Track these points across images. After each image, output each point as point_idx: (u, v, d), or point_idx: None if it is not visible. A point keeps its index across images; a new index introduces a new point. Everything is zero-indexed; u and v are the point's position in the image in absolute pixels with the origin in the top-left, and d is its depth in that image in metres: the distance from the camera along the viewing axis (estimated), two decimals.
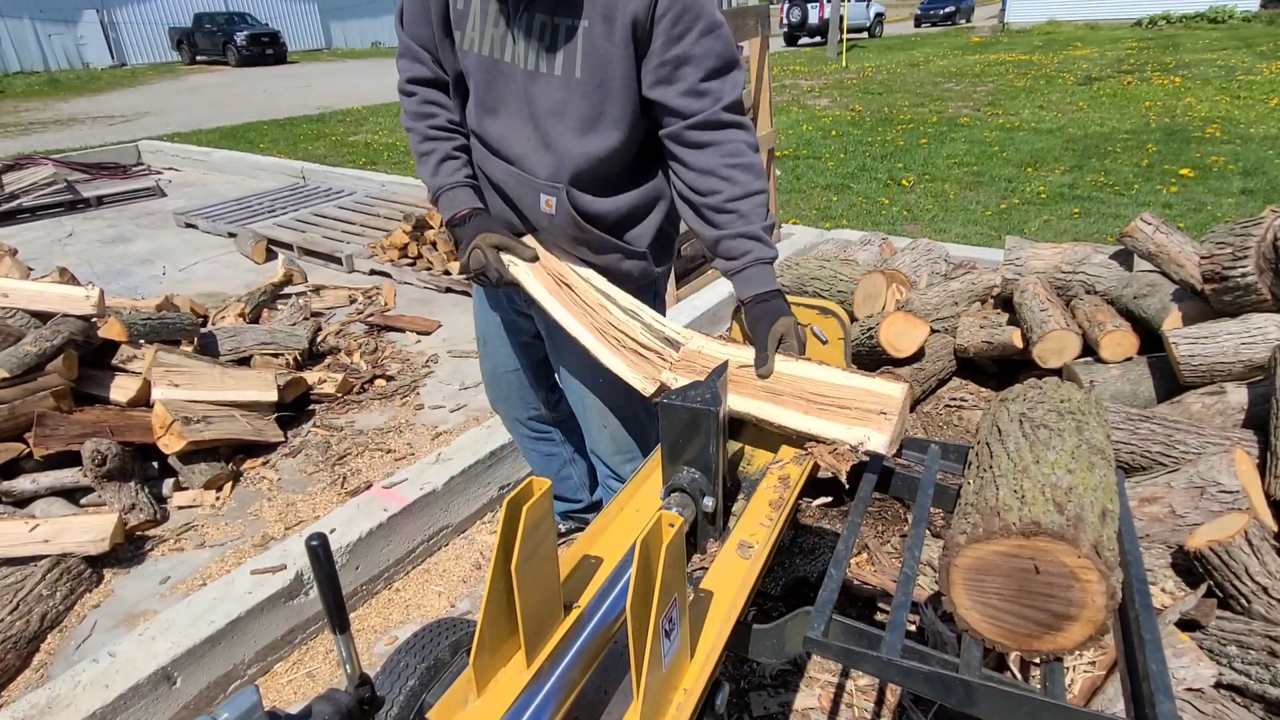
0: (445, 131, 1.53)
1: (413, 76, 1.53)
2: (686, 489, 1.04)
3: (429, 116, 1.52)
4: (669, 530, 0.75)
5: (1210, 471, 1.91)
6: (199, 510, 2.52)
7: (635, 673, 0.72)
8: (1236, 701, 1.48)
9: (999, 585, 0.78)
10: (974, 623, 0.82)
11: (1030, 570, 0.75)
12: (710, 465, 1.03)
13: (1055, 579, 0.74)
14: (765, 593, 2.06)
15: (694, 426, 1.01)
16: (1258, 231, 2.24)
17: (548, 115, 1.38)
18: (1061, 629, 0.77)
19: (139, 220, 6.09)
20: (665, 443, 1.05)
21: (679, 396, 1.02)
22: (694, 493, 1.04)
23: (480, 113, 1.46)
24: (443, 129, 1.53)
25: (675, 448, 1.05)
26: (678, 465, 1.05)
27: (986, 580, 0.79)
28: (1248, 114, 8.31)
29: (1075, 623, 0.76)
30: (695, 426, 1.01)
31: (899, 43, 20.63)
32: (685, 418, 1.01)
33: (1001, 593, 0.78)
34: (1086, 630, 0.75)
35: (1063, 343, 2.63)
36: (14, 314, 2.74)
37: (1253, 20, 19.47)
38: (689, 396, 1.02)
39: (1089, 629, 0.75)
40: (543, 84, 1.36)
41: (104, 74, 20.72)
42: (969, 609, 0.81)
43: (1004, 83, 12.01)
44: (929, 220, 5.59)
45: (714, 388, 1.04)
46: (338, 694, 0.73)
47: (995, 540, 0.76)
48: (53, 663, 1.96)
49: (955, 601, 0.82)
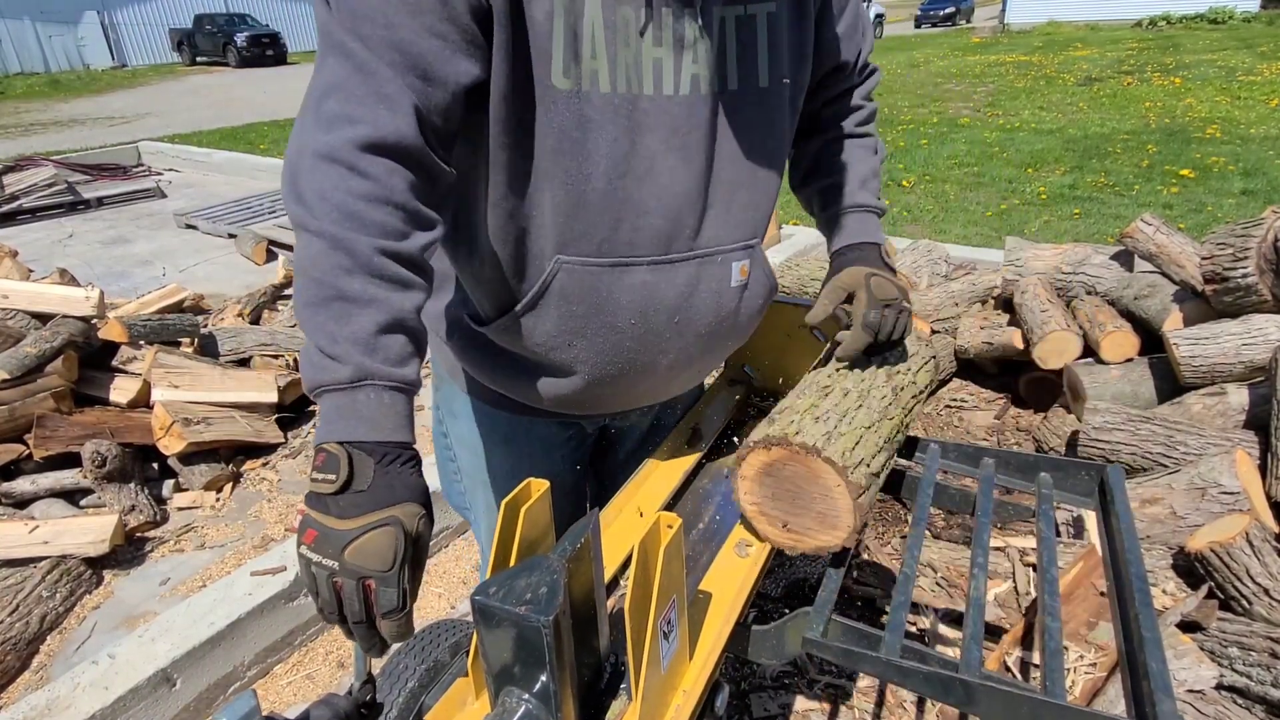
0: (412, 269, 0.77)
1: (384, 138, 0.74)
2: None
3: (391, 234, 0.75)
4: (667, 532, 0.75)
5: (1211, 473, 1.90)
6: (199, 512, 2.52)
7: (634, 674, 0.72)
8: (1238, 703, 1.48)
9: (775, 486, 0.93)
10: (752, 514, 0.97)
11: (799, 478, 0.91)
12: (548, 694, 0.67)
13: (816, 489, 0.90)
14: (765, 593, 2.05)
15: (519, 641, 0.65)
16: (1258, 232, 2.24)
17: (750, 148, 0.95)
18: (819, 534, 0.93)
19: (139, 221, 6.09)
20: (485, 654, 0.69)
21: (499, 590, 0.65)
22: None
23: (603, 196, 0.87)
24: (411, 262, 0.77)
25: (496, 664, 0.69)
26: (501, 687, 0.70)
27: (767, 481, 0.93)
28: (1248, 115, 8.31)
29: (835, 530, 0.91)
30: (521, 641, 0.65)
31: (899, 43, 20.63)
32: (506, 627, 0.65)
33: (778, 493, 0.93)
34: (840, 536, 0.91)
35: (1063, 344, 2.63)
36: (14, 315, 2.74)
37: (1253, 21, 19.46)
38: (514, 591, 0.65)
39: (842, 535, 0.91)
40: (739, 104, 0.92)
41: (104, 75, 20.73)
42: (752, 502, 0.96)
43: (1004, 83, 12.01)
44: (929, 221, 5.59)
45: (555, 574, 0.66)
46: (336, 699, 0.73)
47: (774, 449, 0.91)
48: (52, 664, 1.96)
49: (742, 494, 0.96)
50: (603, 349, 0.95)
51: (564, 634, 0.66)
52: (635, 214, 0.89)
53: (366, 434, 0.70)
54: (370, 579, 0.67)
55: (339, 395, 0.71)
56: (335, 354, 0.71)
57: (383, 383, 0.72)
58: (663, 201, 0.90)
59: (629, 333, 0.94)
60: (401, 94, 0.74)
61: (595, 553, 0.74)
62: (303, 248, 0.73)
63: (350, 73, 0.74)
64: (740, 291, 1.00)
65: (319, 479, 0.68)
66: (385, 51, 0.74)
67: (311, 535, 0.68)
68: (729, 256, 0.97)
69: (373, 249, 0.73)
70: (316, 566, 0.67)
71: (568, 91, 0.82)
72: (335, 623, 0.70)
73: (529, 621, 0.63)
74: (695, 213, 0.92)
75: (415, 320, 0.77)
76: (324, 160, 0.73)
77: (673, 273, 0.93)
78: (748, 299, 1.02)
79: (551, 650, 0.64)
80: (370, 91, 0.74)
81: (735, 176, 0.94)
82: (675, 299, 0.94)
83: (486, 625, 0.66)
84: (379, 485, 0.69)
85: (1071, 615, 1.50)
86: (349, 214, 0.72)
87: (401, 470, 0.71)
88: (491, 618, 0.65)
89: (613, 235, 0.89)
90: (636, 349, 0.96)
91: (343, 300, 0.72)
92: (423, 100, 0.76)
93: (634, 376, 1.00)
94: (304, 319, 0.73)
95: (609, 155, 0.85)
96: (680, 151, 0.89)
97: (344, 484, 0.67)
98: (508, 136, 0.84)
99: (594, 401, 1.05)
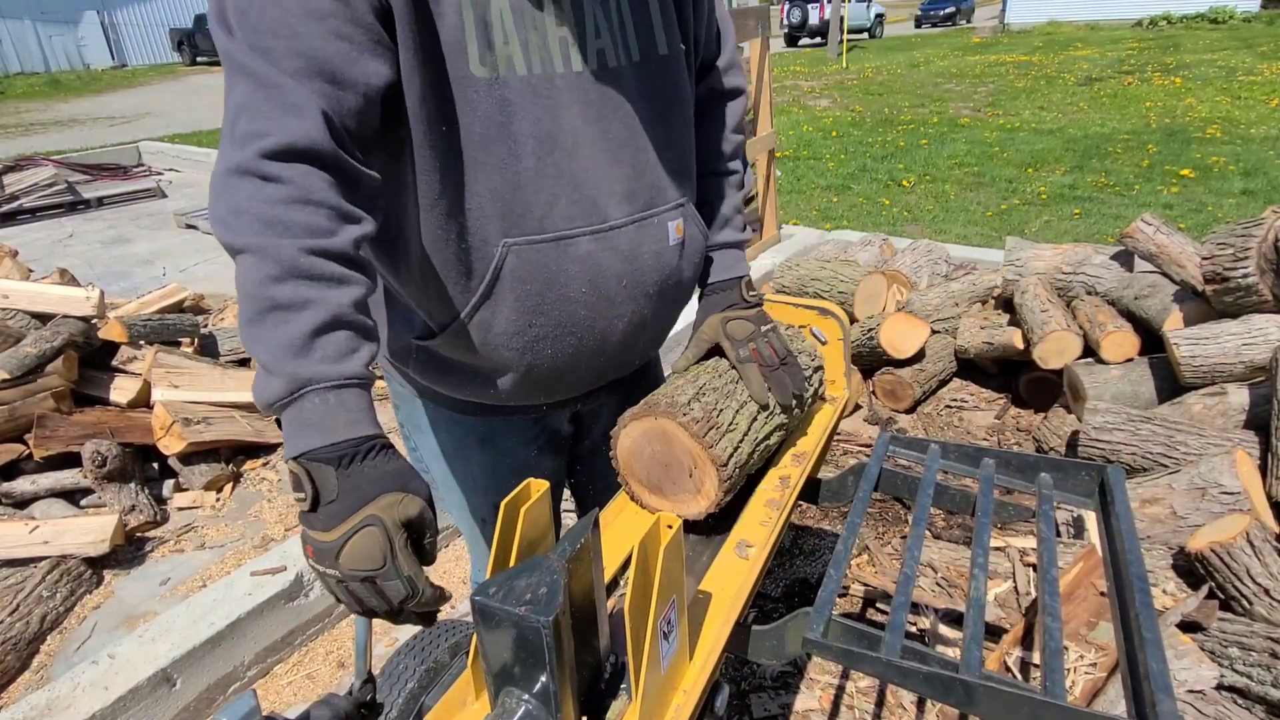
0: (346, 264, 0.75)
1: (293, 143, 0.73)
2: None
3: (316, 233, 0.73)
4: (667, 531, 0.75)
5: (1211, 473, 1.90)
6: (199, 511, 2.52)
7: (634, 674, 0.72)
8: (1238, 703, 1.48)
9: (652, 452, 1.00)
10: (630, 476, 1.04)
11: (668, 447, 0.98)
12: (548, 694, 0.67)
13: (684, 457, 0.97)
14: (765, 593, 2.05)
15: (519, 641, 0.66)
16: (1259, 232, 2.23)
17: (662, 113, 0.99)
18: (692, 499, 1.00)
19: (139, 221, 6.09)
20: (484, 654, 0.70)
21: (499, 591, 0.66)
22: None
23: (535, 176, 0.89)
24: (344, 257, 0.75)
25: (496, 664, 0.69)
26: (501, 688, 0.70)
27: (644, 447, 1.00)
28: (1248, 114, 8.31)
29: (700, 496, 0.99)
30: (521, 642, 0.66)
31: (899, 43, 20.63)
32: (506, 628, 0.66)
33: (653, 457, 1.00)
34: (704, 504, 0.99)
35: (1063, 344, 2.63)
36: (14, 315, 2.74)
37: (1253, 21, 19.46)
38: (514, 592, 0.66)
39: (706, 503, 0.99)
40: (645, 73, 0.96)
41: (104, 75, 20.74)
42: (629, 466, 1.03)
43: (1004, 83, 12.01)
44: (929, 221, 5.59)
45: (554, 575, 0.66)
46: (336, 699, 0.73)
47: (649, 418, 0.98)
48: (52, 664, 1.96)
49: (620, 458, 1.03)
50: (561, 321, 0.97)
51: (564, 634, 0.66)
52: (569, 188, 0.92)
53: (321, 440, 0.69)
54: (373, 578, 0.68)
55: (288, 410, 0.71)
56: (272, 368, 0.70)
57: (324, 384, 0.71)
58: (591, 173, 0.93)
59: (582, 301, 0.97)
60: (308, 100, 0.73)
61: (595, 553, 0.74)
62: (239, 269, 0.73)
63: (254, 90, 0.73)
64: (680, 249, 1.05)
65: (296, 498, 0.70)
66: (290, 61, 0.73)
67: (310, 550, 0.70)
68: (664, 217, 1.01)
69: (298, 250, 0.71)
70: (325, 576, 0.69)
71: (487, 79, 0.84)
72: (372, 618, 0.74)
73: (529, 622, 0.64)
74: (624, 179, 0.96)
75: (356, 314, 0.75)
76: (235, 176, 0.72)
77: (615, 239, 0.97)
78: (687, 255, 1.07)
79: (551, 650, 0.64)
80: (276, 104, 0.73)
81: (654, 141, 0.98)
82: (621, 264, 0.98)
83: (486, 626, 0.66)
84: (346, 491, 0.69)
85: (1072, 615, 1.50)
86: (268, 221, 0.71)
87: (365, 466, 0.70)
88: (491, 618, 0.66)
89: (551, 211, 0.91)
90: (592, 317, 0.99)
91: (278, 309, 0.71)
92: (332, 105, 0.75)
93: (594, 346, 1.02)
94: (247, 339, 0.72)
95: (534, 135, 0.88)
96: (599, 124, 0.93)
97: (313, 499, 0.68)
98: (433, 134, 0.84)
99: (560, 383, 1.06)
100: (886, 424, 2.88)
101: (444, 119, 0.84)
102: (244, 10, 0.74)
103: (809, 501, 1.27)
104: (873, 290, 3.15)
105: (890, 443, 1.22)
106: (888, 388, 2.93)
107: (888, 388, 2.93)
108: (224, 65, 0.77)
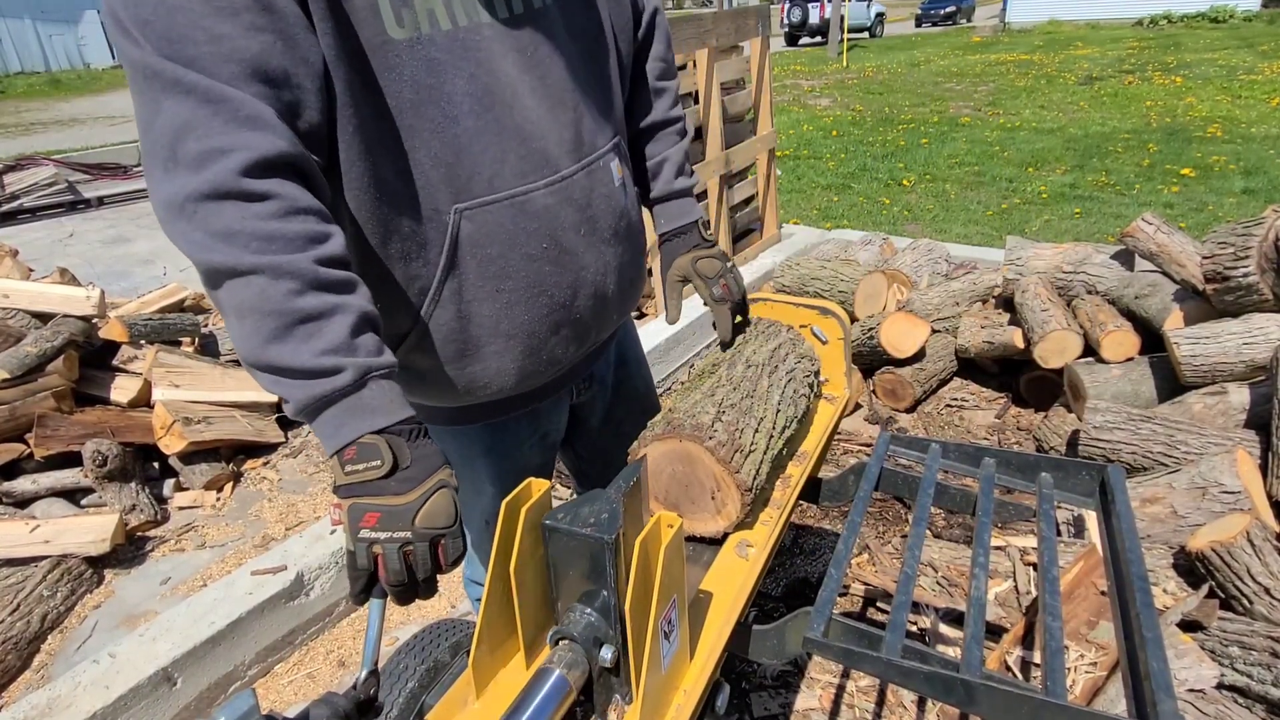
0: (345, 268, 0.77)
1: (265, 156, 0.72)
2: (577, 638, 0.76)
3: (316, 240, 0.74)
4: (667, 531, 0.75)
5: (1212, 472, 1.90)
6: (200, 511, 2.52)
7: (634, 674, 0.72)
8: (1238, 703, 1.48)
9: (673, 473, 1.00)
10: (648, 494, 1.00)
11: (690, 468, 0.98)
12: (608, 608, 0.76)
13: (707, 479, 0.98)
14: (766, 593, 2.05)
15: (584, 558, 0.75)
16: (1259, 231, 2.23)
17: (588, 52, 0.97)
18: (711, 519, 1.00)
19: (140, 221, 6.09)
20: (553, 575, 0.80)
21: (566, 516, 0.76)
22: (587, 642, 0.76)
23: (477, 135, 0.86)
24: (343, 262, 0.77)
25: (562, 582, 0.80)
26: (568, 604, 0.80)
27: (665, 467, 1.00)
28: (1249, 114, 8.30)
29: (720, 517, 0.99)
30: (586, 558, 0.75)
31: (900, 43, 20.62)
32: (573, 547, 0.76)
33: (674, 477, 1.00)
34: (723, 524, 1.00)
35: (1064, 343, 2.63)
36: (15, 315, 2.74)
37: (1253, 20, 19.43)
38: (579, 517, 0.76)
39: (725, 523, 1.00)
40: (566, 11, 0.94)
41: (105, 74, 20.73)
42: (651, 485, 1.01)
43: (1005, 82, 12.00)
44: (930, 220, 5.59)
45: (613, 503, 0.77)
46: (335, 697, 0.73)
47: (673, 440, 0.98)
48: (53, 663, 1.96)
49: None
50: (530, 282, 0.95)
51: (622, 552, 0.74)
52: (516, 142, 0.88)
53: (385, 421, 0.75)
54: (443, 536, 0.75)
55: (344, 400, 0.75)
56: (324, 367, 0.73)
57: (380, 372, 0.76)
58: (536, 124, 0.90)
59: (545, 258, 0.95)
60: (260, 109, 0.71)
61: (644, 491, 0.85)
62: (238, 292, 0.71)
63: (195, 107, 0.69)
64: (623, 189, 1.04)
65: (361, 469, 0.73)
66: (221, 67, 0.69)
67: (374, 517, 0.73)
68: (606, 158, 1.00)
69: (311, 261, 0.73)
70: (385, 543, 0.73)
71: (408, 40, 0.80)
72: (397, 592, 0.77)
73: (594, 539, 0.73)
74: (569, 125, 0.94)
75: (373, 312, 0.78)
76: (211, 200, 0.70)
77: (569, 189, 0.95)
78: (630, 194, 1.07)
79: (613, 565, 0.73)
80: (228, 119, 0.70)
81: (587, 80, 0.96)
82: (576, 214, 0.96)
83: (555, 546, 0.77)
84: (420, 458, 0.76)
85: (1072, 615, 1.50)
86: (268, 237, 0.71)
87: (424, 441, 0.78)
88: (560, 539, 0.76)
89: (500, 169, 0.88)
90: (558, 272, 0.97)
91: (305, 321, 0.72)
92: (278, 105, 0.73)
93: (565, 301, 1.00)
94: (269, 356, 0.72)
95: (469, 93, 0.84)
96: (535, 70, 0.89)
97: (392, 466, 0.74)
98: (355, 109, 0.79)
99: (546, 353, 1.03)
100: (887, 423, 2.88)
101: (368, 89, 0.79)
102: (146, 20, 0.69)
103: (809, 501, 1.27)
104: (873, 289, 3.15)
105: (891, 442, 1.22)
106: (888, 387, 2.93)
107: (888, 387, 2.93)
108: (134, 79, 0.72)
